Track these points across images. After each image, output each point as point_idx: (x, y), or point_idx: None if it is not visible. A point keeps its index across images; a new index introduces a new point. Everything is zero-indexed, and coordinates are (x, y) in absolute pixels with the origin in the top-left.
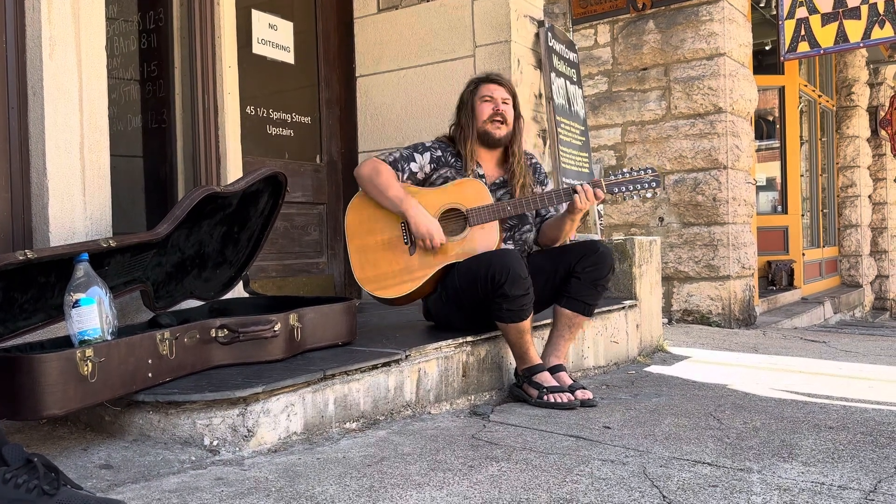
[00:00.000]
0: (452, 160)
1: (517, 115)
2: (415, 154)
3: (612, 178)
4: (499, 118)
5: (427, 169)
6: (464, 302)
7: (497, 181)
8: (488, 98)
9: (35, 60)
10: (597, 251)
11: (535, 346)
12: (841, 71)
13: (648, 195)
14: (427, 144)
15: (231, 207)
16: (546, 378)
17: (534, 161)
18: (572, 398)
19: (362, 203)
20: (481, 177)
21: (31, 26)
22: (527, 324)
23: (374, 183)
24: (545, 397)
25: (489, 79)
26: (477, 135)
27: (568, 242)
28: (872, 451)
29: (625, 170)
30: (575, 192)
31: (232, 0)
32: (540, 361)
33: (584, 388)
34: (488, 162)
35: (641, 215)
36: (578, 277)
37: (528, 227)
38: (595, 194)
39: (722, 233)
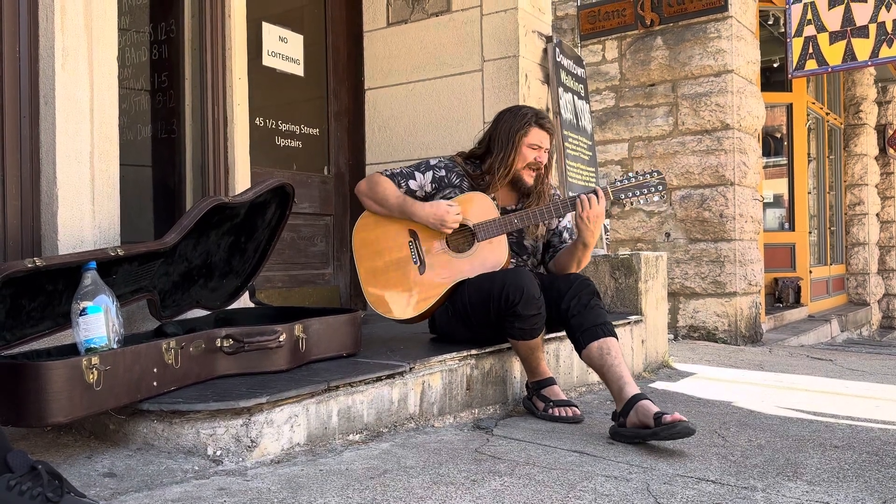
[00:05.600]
0: (457, 181)
1: (550, 155)
2: (415, 172)
3: (618, 183)
4: (536, 167)
5: (428, 188)
6: (472, 319)
7: (509, 208)
8: (536, 147)
9: (48, 70)
10: (571, 285)
11: (545, 361)
12: (849, 89)
13: (656, 198)
14: (431, 163)
15: (238, 218)
16: (554, 392)
17: (553, 192)
18: (577, 412)
19: (368, 224)
20: (492, 199)
21: (45, 37)
22: (538, 340)
23: (374, 196)
24: (550, 410)
25: (543, 126)
26: (510, 176)
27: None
28: (878, 472)
29: (630, 174)
30: (577, 200)
31: (243, 12)
32: (550, 375)
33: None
34: (502, 190)
35: (648, 231)
36: (572, 315)
37: (526, 256)
38: (598, 198)
39: (729, 249)
